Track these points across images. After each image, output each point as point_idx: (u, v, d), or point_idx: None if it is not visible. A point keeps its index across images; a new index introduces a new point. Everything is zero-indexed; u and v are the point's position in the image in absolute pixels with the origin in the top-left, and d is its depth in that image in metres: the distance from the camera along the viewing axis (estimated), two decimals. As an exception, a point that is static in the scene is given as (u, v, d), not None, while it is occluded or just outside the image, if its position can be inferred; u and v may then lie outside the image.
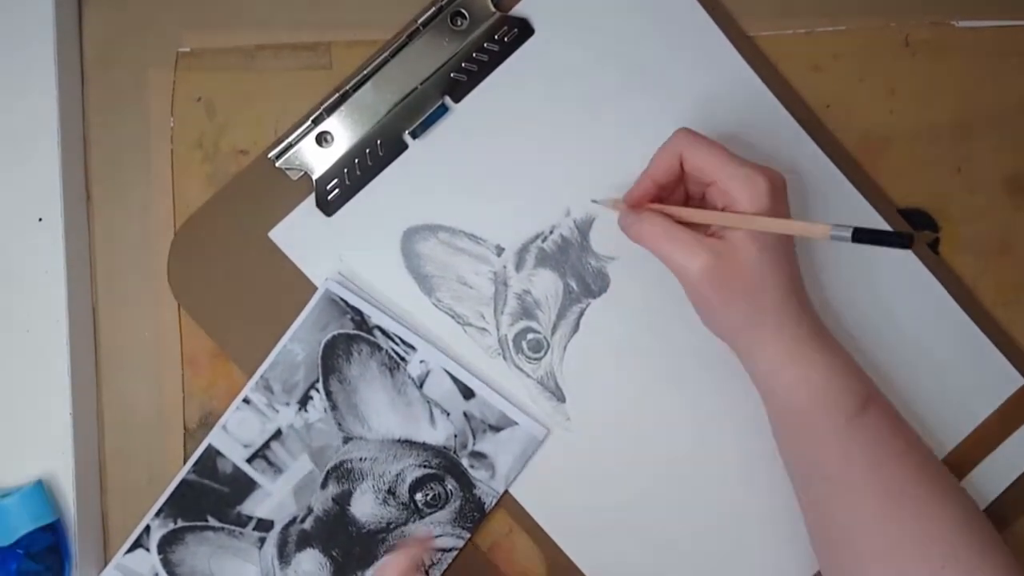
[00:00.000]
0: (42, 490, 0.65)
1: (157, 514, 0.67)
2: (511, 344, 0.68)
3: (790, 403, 0.61)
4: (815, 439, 0.60)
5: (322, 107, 0.69)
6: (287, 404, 0.68)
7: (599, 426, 0.68)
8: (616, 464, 0.68)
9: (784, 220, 0.57)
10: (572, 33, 0.70)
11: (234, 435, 0.68)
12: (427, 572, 0.67)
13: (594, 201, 0.68)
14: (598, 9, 0.70)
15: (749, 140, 0.68)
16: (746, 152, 0.62)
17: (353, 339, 0.68)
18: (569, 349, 0.68)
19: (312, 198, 0.69)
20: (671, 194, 0.64)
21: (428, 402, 0.68)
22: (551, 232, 0.69)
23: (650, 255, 0.66)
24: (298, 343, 0.68)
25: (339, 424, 0.68)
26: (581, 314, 0.68)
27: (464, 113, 0.70)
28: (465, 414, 0.68)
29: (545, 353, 0.68)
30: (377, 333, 0.68)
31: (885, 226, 0.68)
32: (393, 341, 0.68)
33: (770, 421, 0.64)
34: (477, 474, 0.68)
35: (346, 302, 0.68)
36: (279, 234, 0.69)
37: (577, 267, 0.68)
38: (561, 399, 0.68)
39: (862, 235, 0.49)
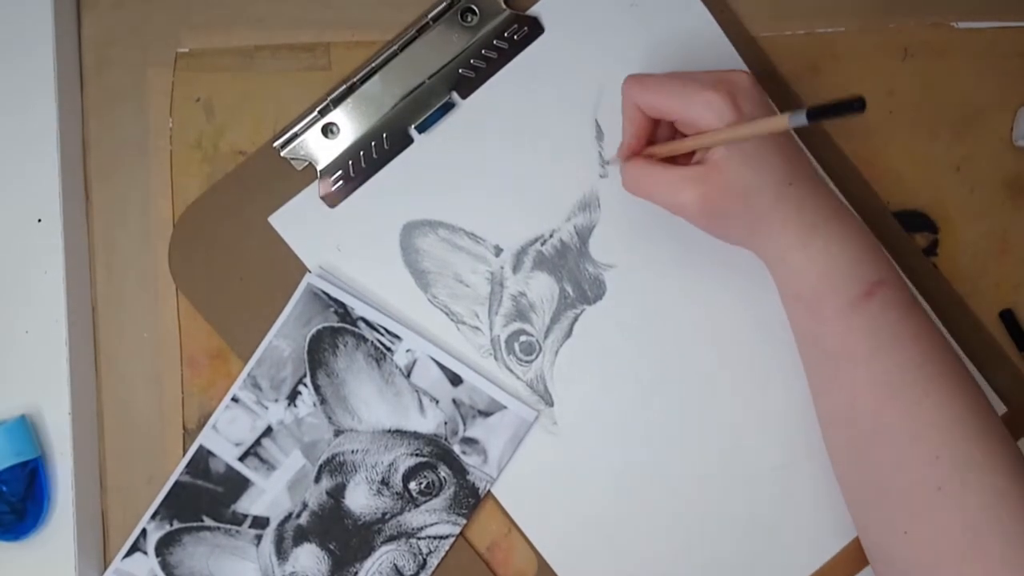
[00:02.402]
0: (25, 425, 0.65)
1: (153, 517, 0.68)
2: (503, 345, 0.68)
3: (798, 287, 0.61)
4: (820, 323, 0.61)
5: (329, 98, 0.69)
6: (276, 400, 0.68)
7: (585, 433, 0.68)
8: (599, 471, 0.68)
9: (744, 125, 0.57)
10: (582, 34, 0.70)
11: (224, 434, 0.68)
12: (424, 560, 0.67)
13: (606, 163, 0.69)
14: (609, 11, 0.70)
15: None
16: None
17: (338, 332, 0.68)
18: (561, 354, 0.68)
19: (315, 185, 0.69)
20: (659, 134, 0.65)
21: (416, 391, 0.68)
22: (551, 236, 0.69)
23: (649, 263, 0.67)
24: (283, 339, 0.68)
25: (329, 418, 0.68)
26: (575, 320, 0.68)
27: (470, 110, 0.70)
28: (454, 401, 0.68)
29: (536, 356, 0.68)
30: (361, 324, 0.68)
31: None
32: (378, 332, 0.68)
33: (785, 309, 0.64)
34: (469, 460, 0.68)
35: (328, 295, 0.68)
36: (279, 219, 0.69)
37: (574, 273, 0.68)
38: (549, 403, 0.68)
39: (816, 112, 0.50)
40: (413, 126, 0.69)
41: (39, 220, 0.67)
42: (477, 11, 0.69)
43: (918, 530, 0.58)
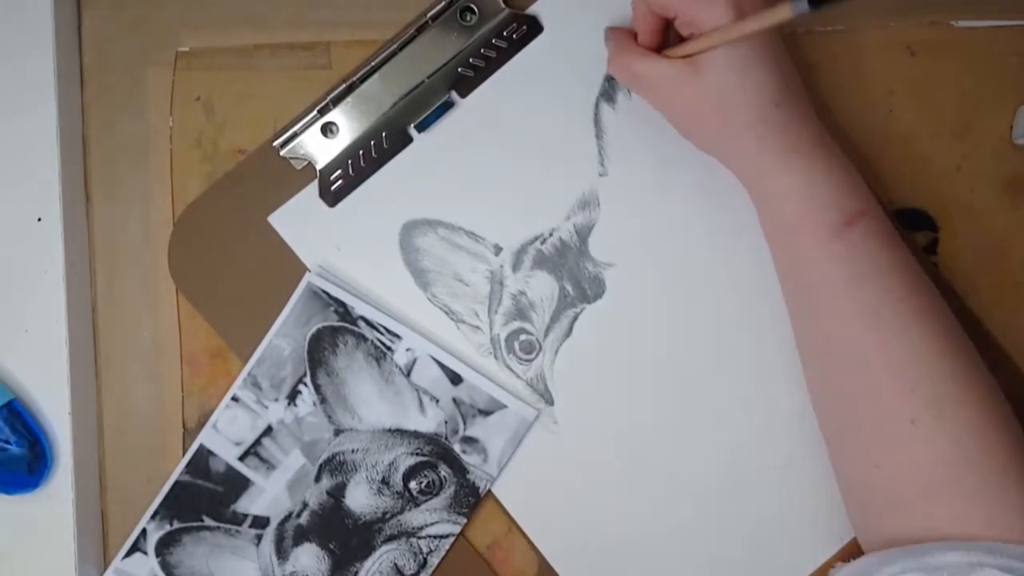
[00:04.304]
0: None
1: (153, 517, 0.68)
2: (503, 344, 0.68)
3: (777, 213, 0.61)
4: (799, 250, 0.61)
5: (328, 98, 0.69)
6: (276, 400, 0.68)
7: (586, 432, 0.68)
8: (600, 471, 0.68)
9: (741, 23, 0.56)
10: (581, 32, 0.69)
11: (225, 434, 0.68)
12: (424, 560, 0.67)
13: (609, 75, 0.69)
14: (607, 9, 0.69)
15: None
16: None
17: (338, 331, 0.68)
18: (561, 353, 0.68)
19: (314, 184, 0.69)
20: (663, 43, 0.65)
21: (416, 390, 0.68)
22: (550, 235, 0.69)
23: (649, 261, 0.68)
24: (283, 338, 0.68)
25: (329, 417, 0.68)
26: (575, 318, 0.68)
27: (470, 109, 0.69)
28: (454, 400, 0.68)
29: (536, 355, 0.68)
30: (361, 324, 0.68)
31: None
32: (378, 331, 0.68)
33: (764, 235, 0.64)
34: (470, 459, 0.68)
35: (328, 294, 0.68)
36: (278, 219, 0.69)
37: (574, 271, 0.68)
38: (550, 402, 0.68)
39: None
40: (412, 125, 0.69)
41: (39, 219, 0.67)
42: (476, 10, 0.69)
43: (891, 463, 0.58)
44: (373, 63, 0.69)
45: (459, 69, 0.69)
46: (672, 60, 0.60)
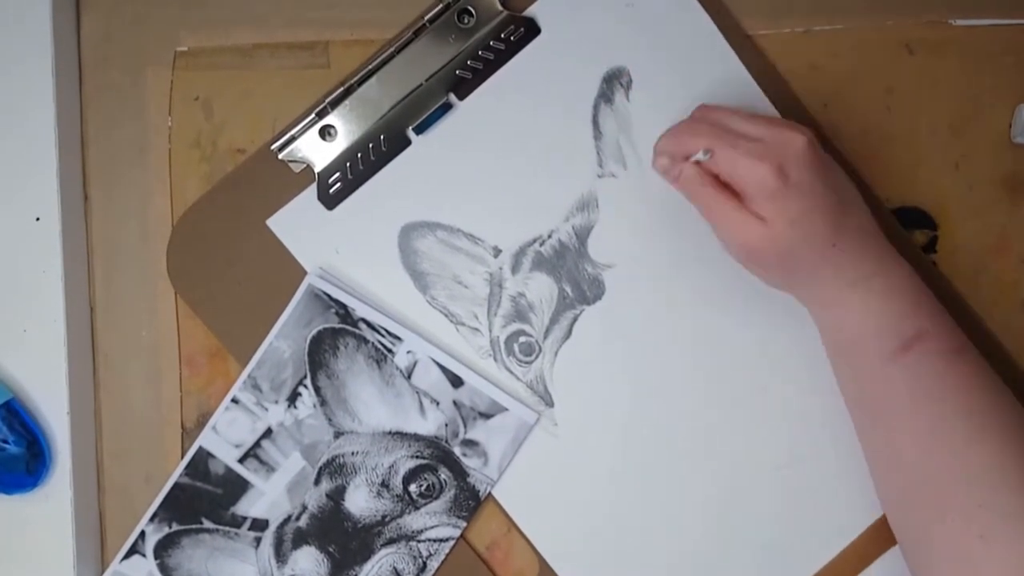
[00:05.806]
0: None
1: (151, 519, 0.67)
2: (503, 346, 0.68)
3: (837, 341, 0.63)
4: (859, 371, 0.62)
5: (326, 101, 0.69)
6: (276, 402, 0.68)
7: (586, 433, 0.68)
8: (600, 472, 0.68)
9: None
10: (578, 34, 0.69)
11: (224, 436, 0.68)
12: (424, 563, 0.67)
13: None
14: (605, 10, 0.69)
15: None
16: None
17: (339, 333, 0.68)
18: (560, 354, 0.68)
19: (313, 187, 0.69)
20: None
21: (417, 392, 0.68)
22: (549, 236, 0.69)
23: (648, 263, 0.68)
24: (284, 340, 0.68)
25: (329, 419, 0.68)
26: (574, 320, 0.68)
27: (468, 111, 0.69)
28: (455, 403, 0.68)
29: (536, 357, 0.68)
30: (362, 326, 0.68)
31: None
32: (379, 333, 0.68)
33: (825, 348, 0.65)
34: (470, 462, 0.67)
35: (329, 296, 0.68)
36: (277, 222, 0.69)
37: (573, 273, 0.68)
38: (549, 404, 0.68)
39: None
40: (411, 128, 0.69)
41: (37, 219, 0.67)
42: (474, 12, 0.69)
43: None
44: (371, 66, 0.69)
45: (457, 71, 0.69)
46: (744, 210, 0.60)
